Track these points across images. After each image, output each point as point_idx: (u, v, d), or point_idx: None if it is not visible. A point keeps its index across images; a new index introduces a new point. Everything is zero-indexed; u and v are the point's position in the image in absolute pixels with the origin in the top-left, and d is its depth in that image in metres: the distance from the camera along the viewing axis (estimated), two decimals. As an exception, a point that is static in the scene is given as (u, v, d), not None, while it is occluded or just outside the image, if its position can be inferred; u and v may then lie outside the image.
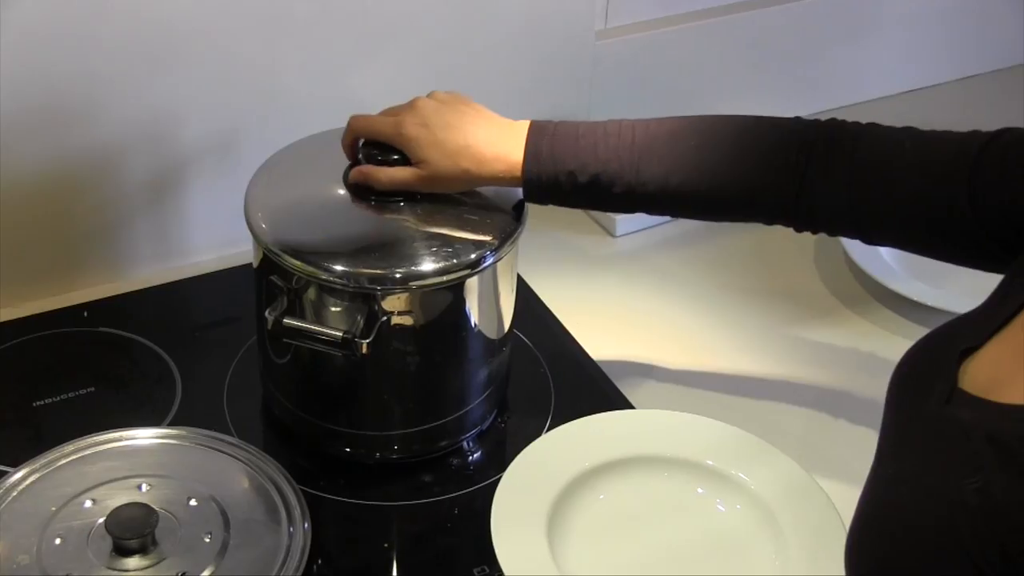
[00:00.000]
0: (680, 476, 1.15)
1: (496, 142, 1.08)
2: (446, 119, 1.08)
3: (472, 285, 1.11)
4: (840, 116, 1.08)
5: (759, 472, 1.14)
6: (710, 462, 1.15)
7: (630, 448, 1.16)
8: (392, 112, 1.12)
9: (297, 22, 1.31)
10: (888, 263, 1.43)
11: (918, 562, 0.83)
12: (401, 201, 1.11)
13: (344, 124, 1.13)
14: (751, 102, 1.61)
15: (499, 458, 1.20)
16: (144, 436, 1.14)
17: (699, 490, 1.15)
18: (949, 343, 0.91)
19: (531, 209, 1.16)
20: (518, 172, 1.09)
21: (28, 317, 1.31)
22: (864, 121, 1.08)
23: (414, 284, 1.07)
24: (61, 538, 1.03)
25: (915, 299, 1.37)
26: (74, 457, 1.10)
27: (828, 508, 1.10)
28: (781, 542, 1.09)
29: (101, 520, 1.03)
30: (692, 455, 1.15)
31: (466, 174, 1.09)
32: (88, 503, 1.06)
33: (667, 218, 1.45)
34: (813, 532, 1.09)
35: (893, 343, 1.30)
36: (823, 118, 1.09)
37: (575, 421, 1.19)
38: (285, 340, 1.09)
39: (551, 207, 1.12)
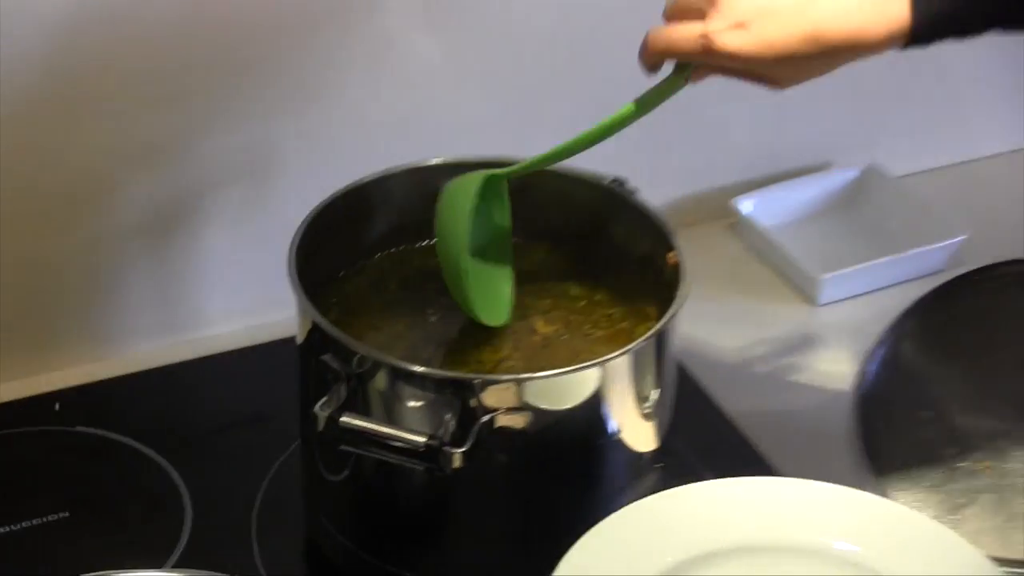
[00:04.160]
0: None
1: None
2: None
3: (613, 372, 0.96)
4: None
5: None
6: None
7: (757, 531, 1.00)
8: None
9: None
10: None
11: None
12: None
13: (379, 158, 1.07)
14: (749, 104, 1.59)
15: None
16: (140, 584, 1.01)
17: None
18: None
19: (693, 270, 1.01)
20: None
21: (-23, 410, 1.20)
22: None
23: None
24: None
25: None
26: (39, 616, 1.00)
27: None
28: None
29: None
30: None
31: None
32: None
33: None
34: None
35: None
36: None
37: (672, 490, 1.01)
38: (342, 447, 0.96)
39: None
